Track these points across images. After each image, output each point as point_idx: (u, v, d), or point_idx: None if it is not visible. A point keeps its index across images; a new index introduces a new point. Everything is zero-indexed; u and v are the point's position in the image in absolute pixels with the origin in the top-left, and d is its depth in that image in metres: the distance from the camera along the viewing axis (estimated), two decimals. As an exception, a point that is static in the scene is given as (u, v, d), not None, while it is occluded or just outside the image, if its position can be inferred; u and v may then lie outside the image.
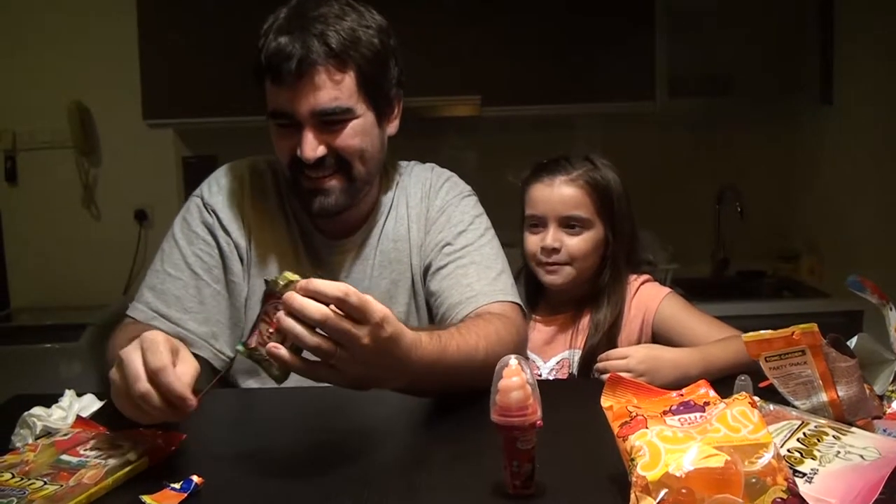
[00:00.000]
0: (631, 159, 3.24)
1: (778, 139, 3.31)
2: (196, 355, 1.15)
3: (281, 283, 0.96)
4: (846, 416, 0.98)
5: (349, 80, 1.29)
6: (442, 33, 2.89)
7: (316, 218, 1.41)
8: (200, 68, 2.92)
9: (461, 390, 1.17)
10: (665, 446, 0.79)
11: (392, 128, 1.44)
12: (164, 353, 0.95)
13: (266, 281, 0.98)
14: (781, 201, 3.33)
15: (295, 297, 0.91)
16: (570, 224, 1.56)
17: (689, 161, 3.31)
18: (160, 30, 2.93)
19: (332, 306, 0.92)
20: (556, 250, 1.55)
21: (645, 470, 0.77)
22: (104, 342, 1.36)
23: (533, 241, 1.58)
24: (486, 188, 1.62)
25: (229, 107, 2.89)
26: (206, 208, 1.43)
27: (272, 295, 0.96)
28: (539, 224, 1.58)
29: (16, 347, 2.80)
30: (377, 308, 0.95)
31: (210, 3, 2.93)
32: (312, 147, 1.29)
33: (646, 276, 1.63)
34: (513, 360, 0.88)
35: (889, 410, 1.02)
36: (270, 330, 0.95)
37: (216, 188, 1.46)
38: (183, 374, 0.95)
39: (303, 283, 0.93)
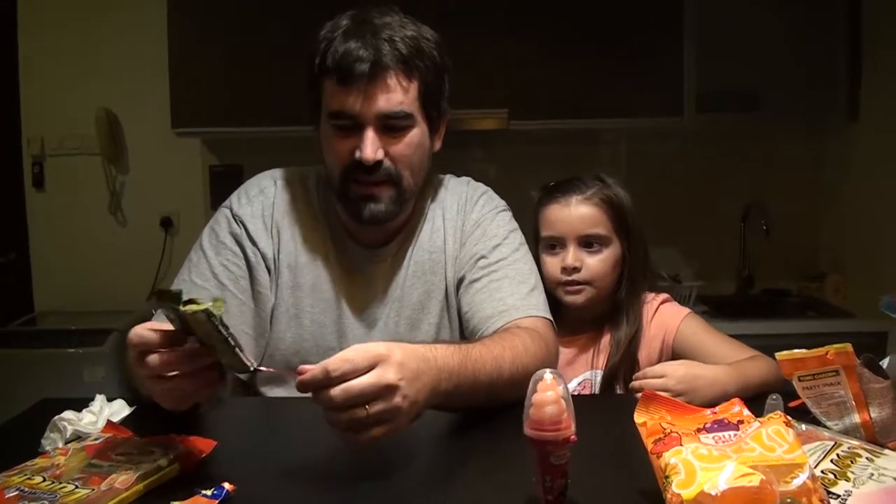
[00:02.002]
0: (657, 175, 3.28)
1: (804, 156, 3.30)
2: None
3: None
4: (878, 437, 0.97)
5: (413, 88, 1.33)
6: (469, 47, 2.90)
7: (365, 225, 1.41)
8: (228, 79, 2.95)
9: (490, 402, 1.17)
10: (700, 464, 0.79)
11: (437, 144, 1.46)
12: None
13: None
14: (807, 219, 3.32)
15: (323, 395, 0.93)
16: (588, 243, 1.56)
17: (716, 177, 3.30)
18: (189, 40, 2.96)
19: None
20: (577, 269, 1.55)
21: (680, 488, 0.77)
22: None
23: (552, 263, 1.58)
24: (511, 201, 1.61)
25: (256, 117, 2.94)
26: (234, 219, 1.44)
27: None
28: (557, 245, 1.58)
29: (40, 351, 2.82)
30: (373, 346, 0.97)
31: (238, 15, 2.96)
32: (374, 148, 1.31)
33: (665, 296, 1.63)
34: (548, 374, 0.88)
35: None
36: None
37: (245, 199, 1.47)
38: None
39: (307, 380, 0.93)
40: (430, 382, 1.03)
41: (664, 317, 1.58)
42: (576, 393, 1.55)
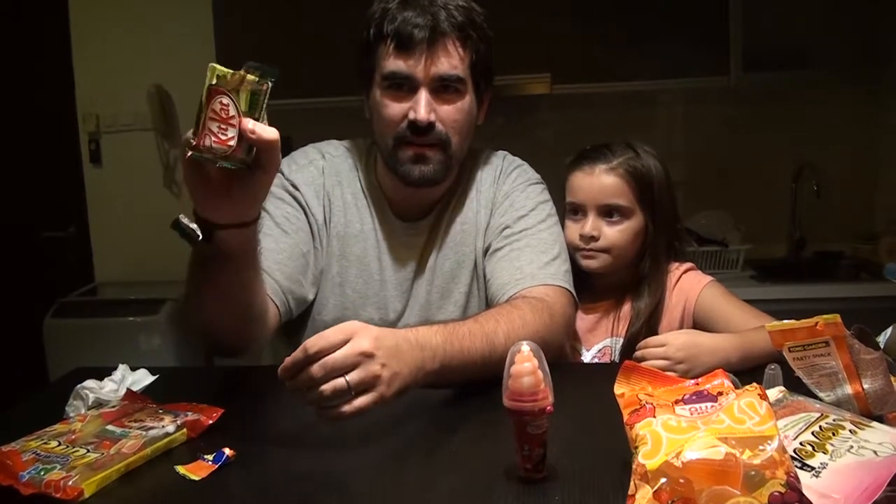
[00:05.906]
0: (704, 136, 3.21)
1: (857, 114, 3.18)
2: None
3: (228, 76, 0.98)
4: (872, 409, 0.95)
5: (467, 56, 1.38)
6: (510, 11, 2.87)
7: (414, 187, 1.44)
8: (273, 51, 2.97)
9: (486, 377, 1.19)
10: (667, 435, 0.79)
11: (481, 117, 1.50)
12: None
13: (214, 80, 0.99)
14: (861, 179, 3.21)
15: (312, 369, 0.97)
16: (609, 212, 1.55)
17: (765, 138, 3.21)
18: (234, 15, 3.02)
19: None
20: (594, 238, 1.54)
21: (645, 458, 0.78)
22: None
23: (573, 229, 1.58)
24: (557, 167, 1.64)
25: (302, 89, 2.96)
26: (288, 181, 1.48)
27: (217, 90, 0.99)
28: (579, 212, 1.58)
29: (99, 320, 2.97)
30: (347, 323, 1.02)
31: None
32: (428, 109, 1.35)
33: (688, 265, 1.61)
34: (525, 346, 0.90)
35: (922, 405, 0.98)
36: (222, 126, 0.99)
37: (295, 167, 1.51)
38: None
39: (289, 365, 0.98)
40: (413, 360, 1.07)
41: (686, 285, 1.57)
42: (596, 359, 1.56)
